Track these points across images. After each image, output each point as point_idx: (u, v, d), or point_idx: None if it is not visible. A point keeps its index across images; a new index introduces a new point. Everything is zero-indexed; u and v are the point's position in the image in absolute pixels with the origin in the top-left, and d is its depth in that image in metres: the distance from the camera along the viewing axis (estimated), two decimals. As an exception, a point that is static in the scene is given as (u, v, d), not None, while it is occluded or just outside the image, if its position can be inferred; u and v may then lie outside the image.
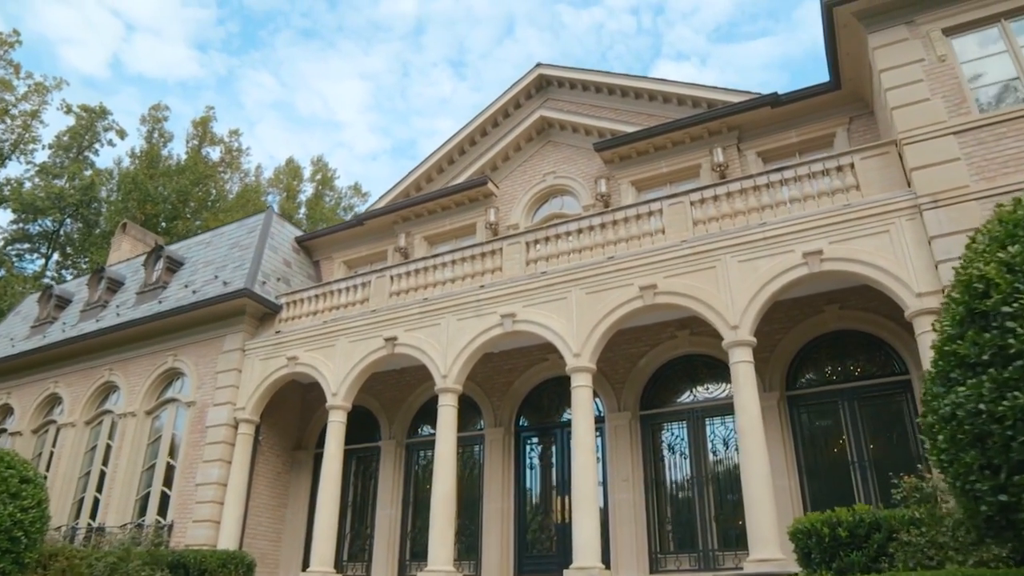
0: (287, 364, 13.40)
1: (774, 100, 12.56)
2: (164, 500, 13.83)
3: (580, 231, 11.77)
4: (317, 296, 14.19)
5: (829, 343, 11.04)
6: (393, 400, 14.48)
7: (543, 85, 15.95)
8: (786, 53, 62.51)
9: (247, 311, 14.16)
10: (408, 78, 68.51)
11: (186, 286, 15.49)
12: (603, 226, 11.58)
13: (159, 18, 59.14)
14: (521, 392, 13.26)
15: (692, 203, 10.98)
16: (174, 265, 16.49)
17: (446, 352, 11.84)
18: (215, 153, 40.24)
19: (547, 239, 12.05)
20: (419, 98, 67.79)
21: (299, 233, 17.19)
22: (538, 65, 15.78)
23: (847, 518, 6.57)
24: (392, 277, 13.42)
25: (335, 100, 66.68)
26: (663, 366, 12.14)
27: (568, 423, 12.71)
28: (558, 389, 13.05)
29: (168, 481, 13.95)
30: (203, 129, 40.00)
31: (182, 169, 37.01)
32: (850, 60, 11.44)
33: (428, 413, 14.13)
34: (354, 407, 12.88)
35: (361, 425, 14.50)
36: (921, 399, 5.24)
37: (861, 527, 6.46)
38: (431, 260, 13.09)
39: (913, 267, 8.88)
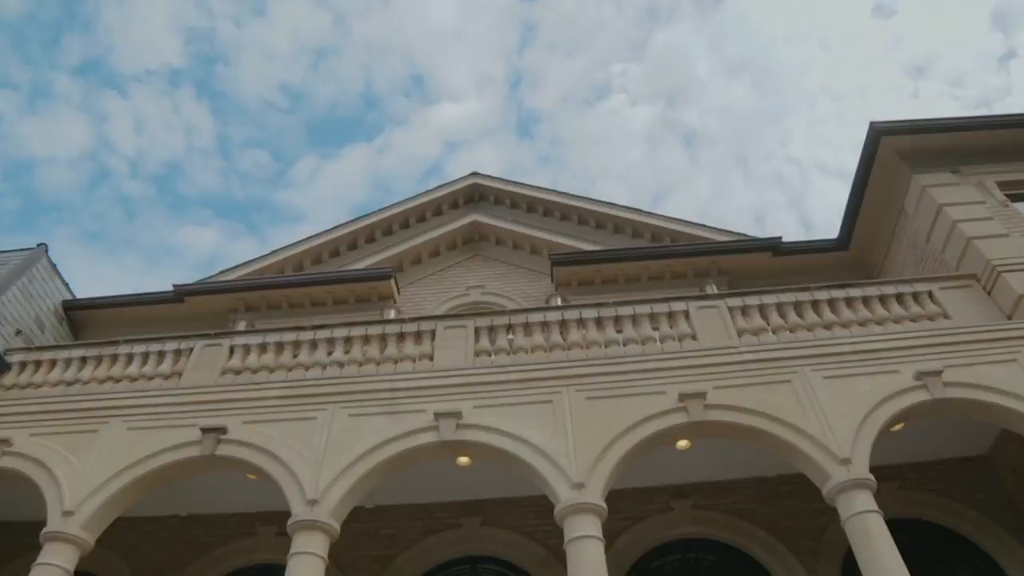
0: (-15, 452, 7.09)
1: (776, 246, 10.68)
2: None
3: (563, 322, 8.08)
4: (86, 359, 8.38)
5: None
6: (159, 569, 8.18)
7: (475, 198, 12.98)
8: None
9: (-61, 354, 7.87)
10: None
11: None
12: (599, 321, 8.05)
13: (-69, 171, 50.09)
14: None
15: (731, 309, 8.02)
16: None
17: (321, 463, 6.74)
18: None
19: (510, 327, 8.13)
20: (191, 327, 62.05)
21: (71, 297, 11.17)
22: (473, 174, 13.00)
23: None
24: (232, 348, 8.33)
25: (100, 307, 58.58)
26: (650, 553, 7.90)
27: (488, 635, 7.59)
28: (471, 576, 8.05)
29: None
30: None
31: None
32: (871, 211, 10.14)
33: (221, 600, 8.05)
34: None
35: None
36: None
37: None
38: (309, 333, 8.35)
39: (1066, 405, 6.43)
